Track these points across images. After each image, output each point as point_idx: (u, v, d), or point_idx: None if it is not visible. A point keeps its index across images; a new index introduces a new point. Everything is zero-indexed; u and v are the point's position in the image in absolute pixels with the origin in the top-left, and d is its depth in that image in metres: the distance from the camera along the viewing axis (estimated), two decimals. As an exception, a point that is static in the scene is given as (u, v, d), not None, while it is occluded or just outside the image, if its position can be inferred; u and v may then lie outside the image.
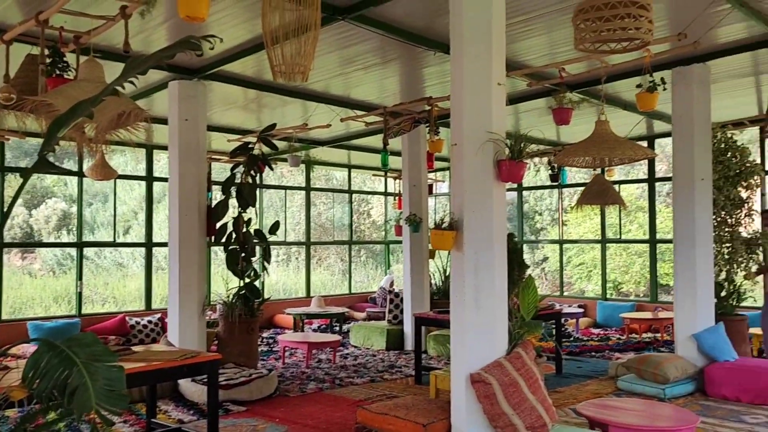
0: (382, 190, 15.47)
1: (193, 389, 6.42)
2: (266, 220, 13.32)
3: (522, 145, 4.48)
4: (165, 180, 11.23)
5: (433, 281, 10.34)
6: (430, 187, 11.19)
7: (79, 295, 10.14)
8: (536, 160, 11.00)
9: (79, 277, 10.22)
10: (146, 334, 9.89)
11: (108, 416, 2.59)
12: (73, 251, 14.97)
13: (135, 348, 5.14)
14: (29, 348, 7.83)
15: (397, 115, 8.01)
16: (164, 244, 11.21)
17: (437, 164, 12.10)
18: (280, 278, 18.54)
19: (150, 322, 10.06)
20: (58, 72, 4.91)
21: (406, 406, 4.83)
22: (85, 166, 9.15)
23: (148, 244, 10.96)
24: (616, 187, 10.24)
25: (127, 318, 9.95)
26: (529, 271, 4.99)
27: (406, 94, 8.35)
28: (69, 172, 3.57)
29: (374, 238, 19.92)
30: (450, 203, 4.66)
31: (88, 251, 16.79)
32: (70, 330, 9.20)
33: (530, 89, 7.51)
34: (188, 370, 4.67)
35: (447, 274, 10.53)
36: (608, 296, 12.56)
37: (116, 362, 2.63)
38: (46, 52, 4.80)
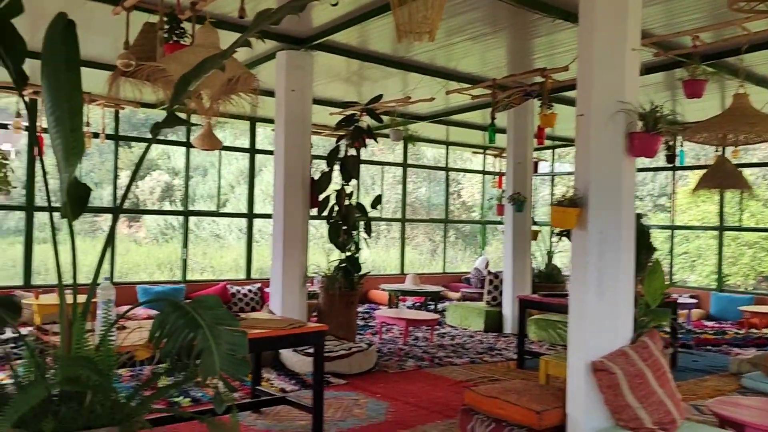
0: (476, 168, 15.12)
1: (294, 359, 6.43)
2: (359, 197, 13.28)
3: (658, 115, 4.10)
4: (265, 152, 11.40)
5: (534, 264, 9.97)
6: (536, 164, 10.76)
7: (184, 262, 10.47)
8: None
9: (185, 244, 10.56)
10: (246, 303, 10.09)
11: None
12: (176, 222, 15.55)
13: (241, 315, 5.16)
14: (138, 310, 8.10)
15: (505, 88, 7.67)
16: (263, 216, 11.41)
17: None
18: (369, 255, 18.57)
19: (250, 291, 10.25)
20: (174, 38, 4.92)
21: (517, 391, 4.58)
22: (192, 137, 9.36)
23: (250, 215, 11.15)
24: (739, 170, 9.45)
25: (228, 286, 10.18)
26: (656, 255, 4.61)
27: (513, 66, 8.00)
28: (191, 124, 3.60)
29: (464, 218, 19.54)
30: (575, 178, 4.35)
31: (184, 223, 17.38)
32: (175, 294, 9.49)
33: (652, 61, 6.98)
34: (295, 340, 4.63)
35: (550, 256, 10.14)
36: (723, 287, 11.74)
37: (239, 327, 2.55)
38: (164, 19, 4.81)
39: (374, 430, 4.80)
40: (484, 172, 14.80)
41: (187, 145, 10.37)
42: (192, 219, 11.48)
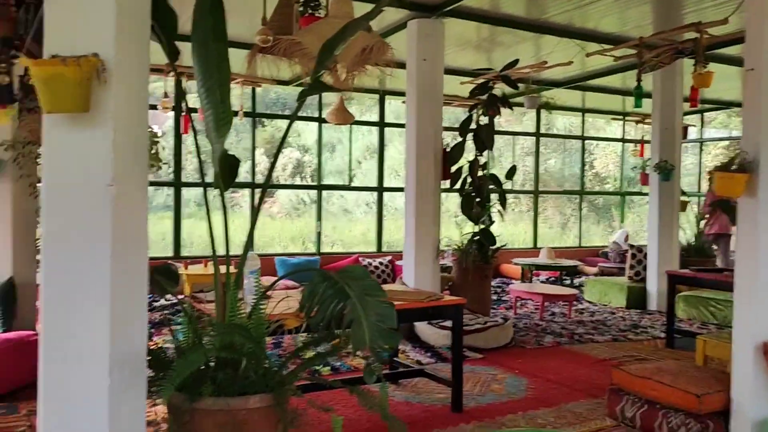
0: (612, 136, 14.31)
1: (429, 332, 6.39)
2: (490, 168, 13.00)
3: None
4: (393, 125, 11.41)
5: (682, 237, 9.28)
6: (685, 130, 9.97)
7: (319, 235, 10.76)
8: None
9: (318, 217, 10.84)
10: (377, 275, 10.19)
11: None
12: (306, 198, 16.01)
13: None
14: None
15: (653, 47, 7.09)
16: (393, 189, 11.46)
17: (686, 107, 10.79)
18: (498, 228, 18.19)
19: (381, 263, 10.35)
20: (310, 11, 4.94)
21: (672, 372, 4.25)
22: (324, 112, 9.54)
23: (380, 189, 11.24)
24: None
25: (360, 259, 10.34)
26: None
27: (658, 24, 7.41)
28: (337, 90, 3.63)
29: (596, 190, 18.62)
30: (742, 140, 3.92)
31: (317, 197, 17.87)
32: (311, 266, 9.76)
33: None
34: (433, 313, 4.57)
35: (700, 228, 9.41)
36: None
37: (386, 298, 2.49)
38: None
39: (515, 407, 4.65)
40: (623, 140, 13.99)
41: (320, 120, 10.58)
42: (323, 194, 11.74)
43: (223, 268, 2.57)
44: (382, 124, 11.13)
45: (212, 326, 2.45)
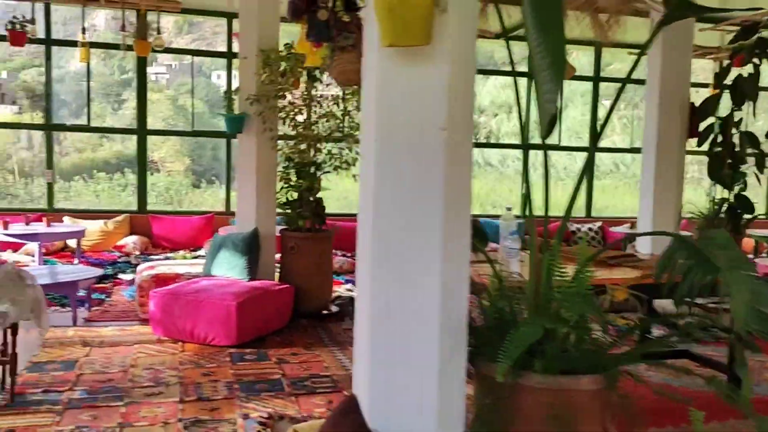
0: None
1: (672, 308, 5.76)
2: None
3: None
4: (608, 80, 10.53)
5: None
6: None
7: (525, 197, 10.27)
8: None
9: (524, 179, 10.34)
10: (586, 242, 9.56)
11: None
12: (480, 159, 15.46)
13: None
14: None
15: None
16: (604, 150, 10.64)
17: None
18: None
19: (590, 229, 9.69)
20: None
21: None
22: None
23: (592, 149, 10.48)
24: None
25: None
26: None
27: None
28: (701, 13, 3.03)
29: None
30: None
31: (479, 158, 17.03)
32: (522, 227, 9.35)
33: None
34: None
35: None
36: None
37: (757, 272, 2.04)
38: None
39: (806, 403, 3.97)
40: None
41: (513, 74, 10.04)
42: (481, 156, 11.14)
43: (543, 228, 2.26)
44: (597, 79, 10.29)
45: (558, 293, 2.13)
